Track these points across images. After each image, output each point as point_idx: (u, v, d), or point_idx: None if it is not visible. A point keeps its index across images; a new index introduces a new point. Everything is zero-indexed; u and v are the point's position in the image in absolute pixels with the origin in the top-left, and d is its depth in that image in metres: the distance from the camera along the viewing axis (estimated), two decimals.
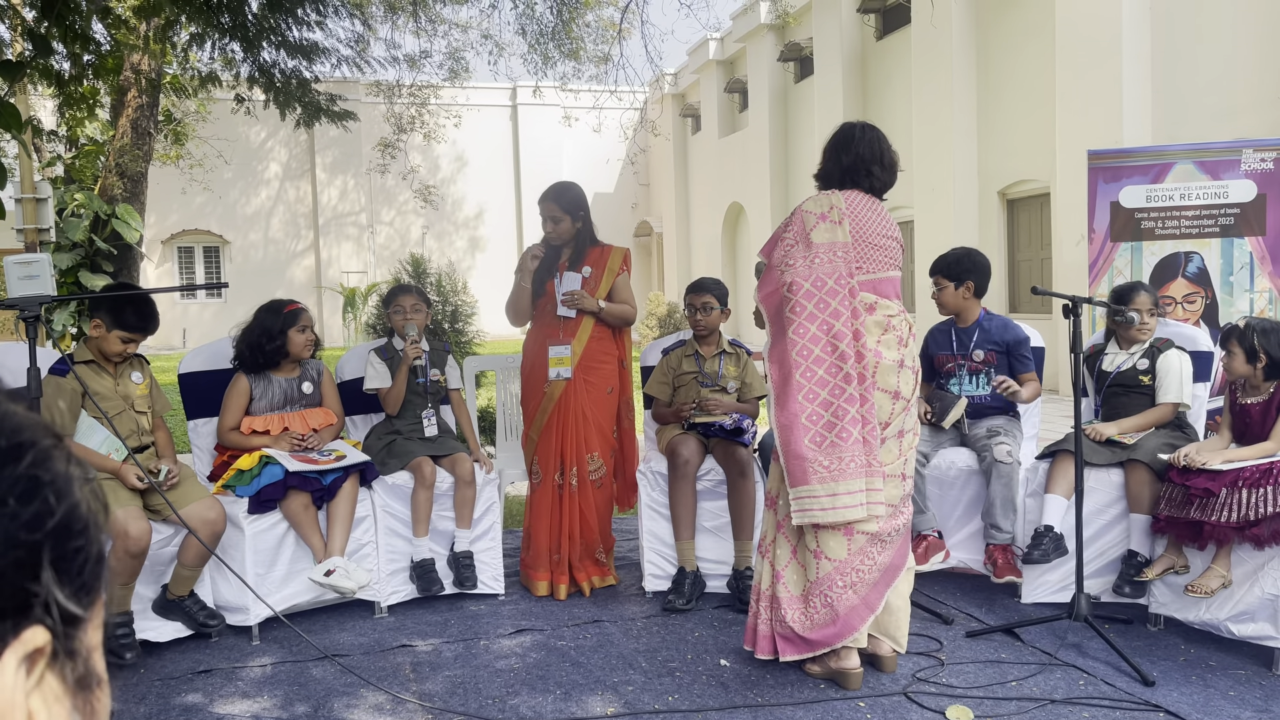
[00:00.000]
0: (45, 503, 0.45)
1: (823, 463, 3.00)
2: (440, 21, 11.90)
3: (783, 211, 18.34)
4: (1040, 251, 12.19)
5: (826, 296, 3.09)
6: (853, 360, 3.05)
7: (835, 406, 3.02)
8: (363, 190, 24.44)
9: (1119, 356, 4.05)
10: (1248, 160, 5.06)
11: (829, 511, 3.01)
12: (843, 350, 3.04)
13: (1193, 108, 9.60)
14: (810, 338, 3.06)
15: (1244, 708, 2.96)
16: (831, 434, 3.01)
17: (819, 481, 3.00)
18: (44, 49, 5.13)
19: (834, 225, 3.14)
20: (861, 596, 3.09)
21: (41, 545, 0.45)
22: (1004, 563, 3.94)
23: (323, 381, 4.13)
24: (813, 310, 3.08)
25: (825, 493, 3.00)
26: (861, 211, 3.20)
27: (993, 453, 3.94)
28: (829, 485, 3.00)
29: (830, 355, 3.05)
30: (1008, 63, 12.35)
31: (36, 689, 0.45)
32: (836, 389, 3.04)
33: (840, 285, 3.10)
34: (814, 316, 3.08)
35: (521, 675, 3.31)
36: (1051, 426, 7.36)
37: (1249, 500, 3.24)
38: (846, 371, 3.04)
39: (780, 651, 3.16)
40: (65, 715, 0.47)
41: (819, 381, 3.04)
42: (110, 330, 3.51)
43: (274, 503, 3.71)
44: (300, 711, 3.04)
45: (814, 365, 3.05)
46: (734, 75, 20.99)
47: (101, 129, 12.27)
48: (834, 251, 3.13)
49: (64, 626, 0.46)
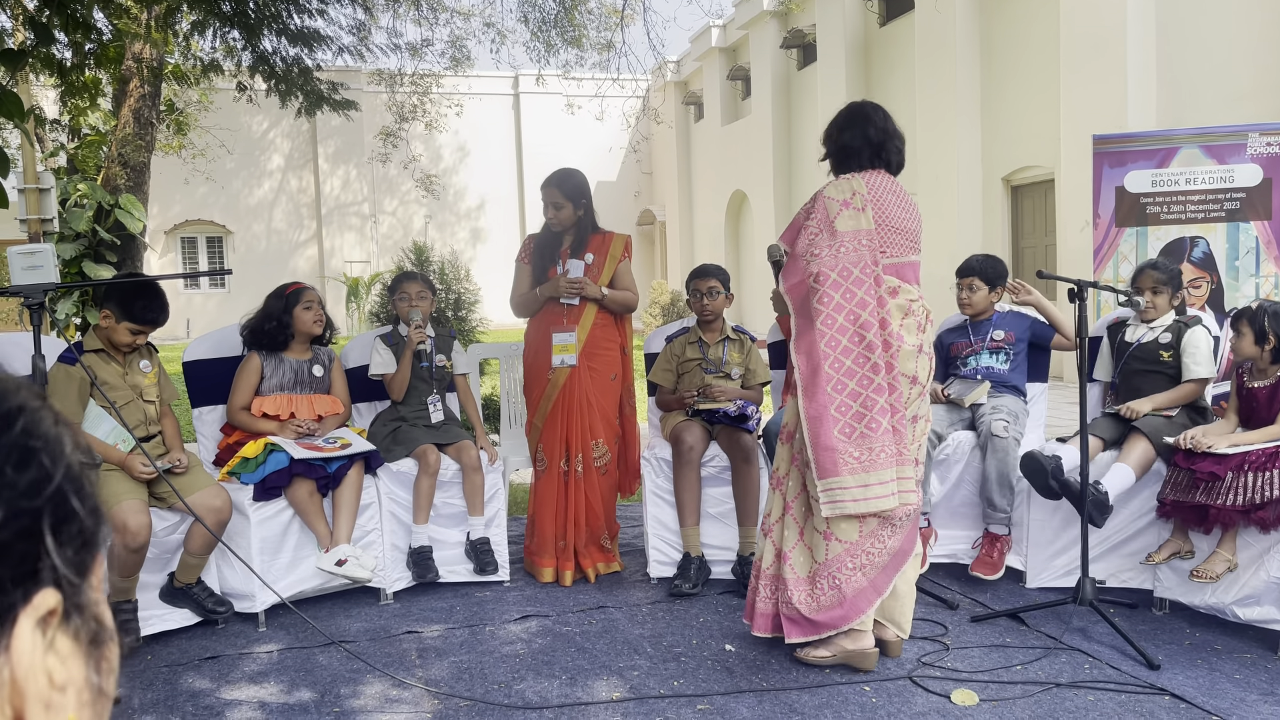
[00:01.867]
0: (41, 468, 0.45)
1: (853, 454, 2.99)
2: (442, 9, 11.85)
3: (786, 199, 18.29)
4: (1045, 238, 12.16)
5: (853, 286, 3.06)
6: (880, 349, 3.03)
7: (864, 397, 3.01)
8: (365, 180, 24.40)
9: (1139, 329, 4.00)
10: (1254, 144, 5.04)
11: (860, 503, 3.00)
12: (869, 340, 3.03)
13: (1198, 92, 9.55)
14: (838, 328, 3.04)
15: (1249, 691, 2.96)
16: (861, 424, 3.00)
17: (849, 473, 2.99)
18: (45, 38, 5.11)
19: (857, 212, 3.11)
20: (870, 579, 3.09)
21: (42, 511, 0.45)
22: (985, 555, 3.92)
23: (333, 369, 4.16)
24: (839, 300, 3.05)
25: (856, 484, 2.99)
26: (884, 195, 3.17)
27: (990, 427, 3.94)
28: (860, 476, 2.99)
29: (857, 345, 3.03)
30: (1012, 48, 12.29)
31: (50, 649, 0.45)
32: (865, 379, 3.02)
33: (865, 274, 3.07)
34: (841, 307, 3.05)
35: (527, 661, 3.32)
36: (1058, 413, 7.36)
37: (1255, 483, 3.23)
38: (874, 361, 3.02)
39: (785, 633, 3.16)
40: (80, 671, 0.47)
41: (847, 372, 3.02)
42: (119, 322, 3.52)
43: (279, 490, 3.72)
44: (307, 697, 3.06)
45: (842, 356, 3.03)
46: (737, 62, 20.90)
47: (104, 119, 12.26)
48: (858, 239, 3.10)
49: (71, 586, 0.46)
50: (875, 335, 3.03)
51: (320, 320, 4.07)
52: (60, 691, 0.46)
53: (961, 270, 4.36)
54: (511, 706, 2.95)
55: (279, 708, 2.98)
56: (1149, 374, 3.92)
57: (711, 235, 21.85)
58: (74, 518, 0.47)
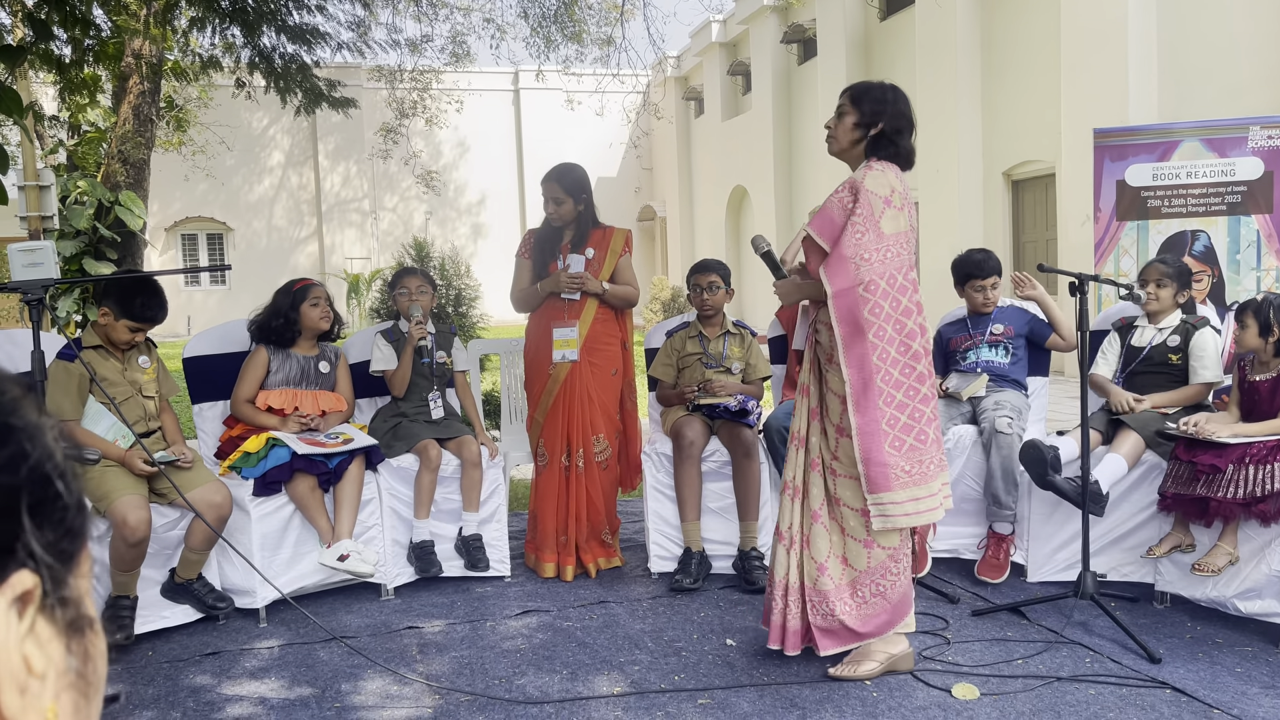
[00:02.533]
0: (19, 447, 0.46)
1: (904, 467, 2.92)
2: (442, 5, 11.83)
3: (786, 194, 18.27)
4: (1045, 232, 12.14)
5: (898, 294, 2.93)
6: (925, 359, 2.95)
7: (911, 408, 2.93)
8: (365, 176, 24.39)
9: (1148, 331, 3.98)
10: (1255, 138, 5.03)
11: (912, 516, 2.96)
12: (915, 349, 2.93)
13: (1199, 85, 9.53)
14: (887, 339, 2.92)
15: (1251, 684, 2.96)
16: (910, 436, 2.93)
17: (901, 487, 2.92)
18: (44, 34, 5.11)
19: (898, 212, 2.95)
20: (909, 580, 3.10)
21: (19, 490, 0.45)
22: (991, 557, 3.93)
23: (339, 366, 4.16)
24: (889, 310, 2.92)
25: (907, 498, 2.93)
26: (909, 193, 3.03)
27: (994, 423, 3.93)
28: (910, 490, 2.93)
29: (904, 356, 2.93)
30: (1012, 42, 12.27)
31: (30, 634, 0.45)
32: (911, 389, 2.94)
33: (909, 281, 2.94)
34: (889, 317, 2.92)
35: (528, 656, 3.32)
36: (1060, 408, 7.36)
37: (1255, 476, 3.23)
38: (919, 370, 2.94)
39: (820, 646, 3.06)
40: (60, 657, 0.47)
41: (894, 383, 2.92)
42: (118, 319, 3.51)
43: (280, 485, 3.72)
44: (308, 693, 3.06)
45: (890, 368, 2.92)
46: (737, 58, 20.87)
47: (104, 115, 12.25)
48: (900, 243, 2.95)
49: (51, 573, 0.46)
50: (920, 344, 2.94)
51: (327, 316, 4.07)
52: (39, 679, 0.45)
53: (982, 271, 4.32)
54: (513, 701, 2.95)
55: (280, 703, 2.98)
56: (1156, 375, 3.91)
57: (712, 230, 21.83)
58: (56, 501, 0.47)
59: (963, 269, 4.35)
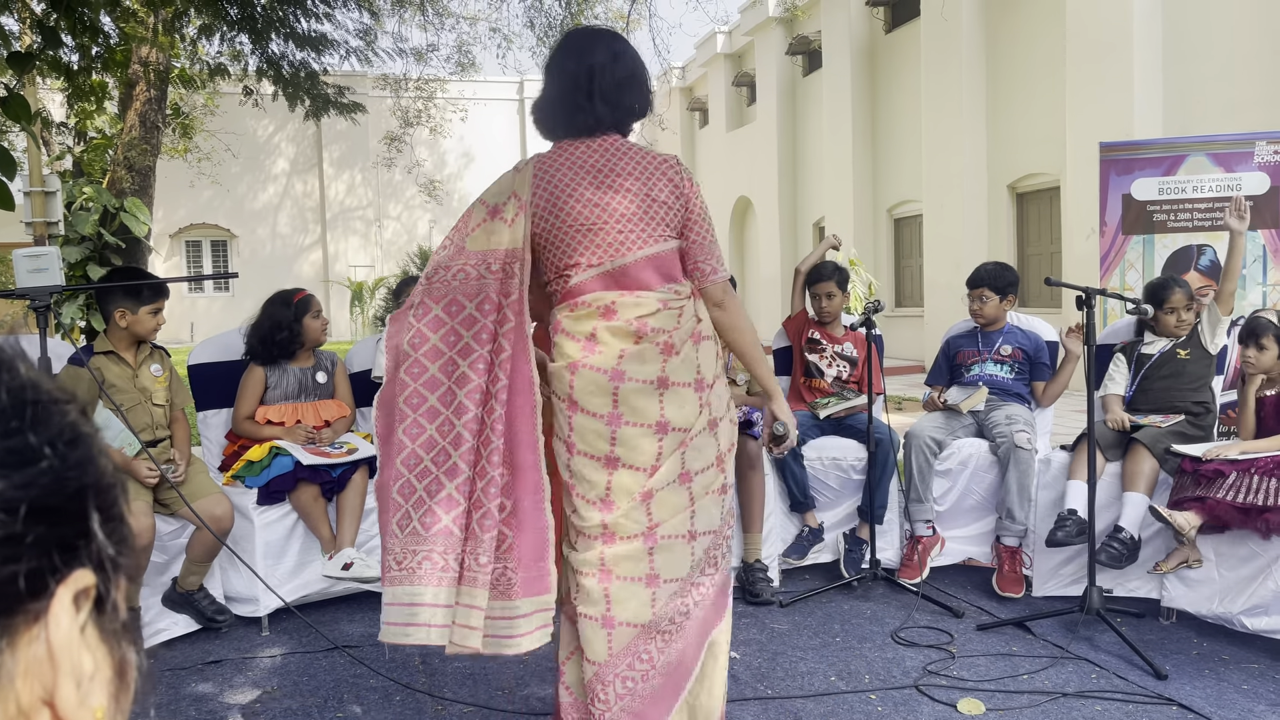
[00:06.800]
0: (89, 450, 0.47)
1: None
2: (448, 14, 11.89)
3: (791, 206, 18.30)
4: (1050, 245, 12.14)
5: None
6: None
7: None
8: (369, 185, 24.46)
9: (1159, 342, 4.00)
10: (1261, 152, 5.03)
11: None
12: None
13: (1205, 100, 9.54)
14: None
15: (1257, 701, 2.94)
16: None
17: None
18: (53, 41, 5.13)
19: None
20: (635, 715, 2.23)
21: (88, 489, 0.46)
22: (1009, 571, 3.92)
23: (336, 373, 4.15)
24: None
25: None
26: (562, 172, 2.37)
27: (1012, 439, 3.91)
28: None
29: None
30: (1018, 55, 12.29)
31: (83, 636, 0.46)
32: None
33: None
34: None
35: (531, 666, 3.30)
36: (1064, 421, 7.34)
37: (1259, 485, 3.22)
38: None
39: None
40: (106, 663, 0.47)
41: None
42: (137, 311, 3.53)
43: (283, 494, 3.71)
44: (310, 702, 3.05)
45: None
46: (742, 69, 20.93)
47: (110, 122, 12.30)
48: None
49: (103, 578, 0.47)
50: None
51: (326, 328, 4.10)
52: (90, 680, 0.46)
53: (971, 281, 4.34)
54: (515, 712, 2.94)
55: (282, 712, 2.97)
56: (1167, 380, 3.92)
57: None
58: (114, 508, 0.48)
59: (970, 276, 4.37)
